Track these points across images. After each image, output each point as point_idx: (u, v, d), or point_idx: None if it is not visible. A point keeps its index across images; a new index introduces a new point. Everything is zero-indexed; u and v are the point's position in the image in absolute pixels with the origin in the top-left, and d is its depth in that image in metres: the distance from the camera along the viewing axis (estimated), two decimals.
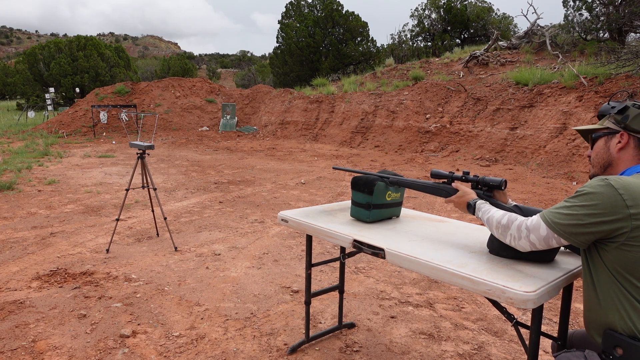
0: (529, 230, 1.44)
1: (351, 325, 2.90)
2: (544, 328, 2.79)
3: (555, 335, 1.83)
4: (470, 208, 1.74)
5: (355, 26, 25.37)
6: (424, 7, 25.60)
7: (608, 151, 1.49)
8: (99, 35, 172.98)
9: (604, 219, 1.26)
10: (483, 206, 1.69)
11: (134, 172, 4.41)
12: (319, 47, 25.22)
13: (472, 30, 24.92)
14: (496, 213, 1.60)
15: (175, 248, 4.37)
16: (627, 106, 1.45)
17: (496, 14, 25.23)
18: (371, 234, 2.00)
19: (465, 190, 1.81)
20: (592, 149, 1.56)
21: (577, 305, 3.25)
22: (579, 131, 1.63)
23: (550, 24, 15.04)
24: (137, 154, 4.32)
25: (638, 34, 12.83)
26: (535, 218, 1.45)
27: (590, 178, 1.54)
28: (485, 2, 25.45)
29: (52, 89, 26.12)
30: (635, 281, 1.26)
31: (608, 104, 1.53)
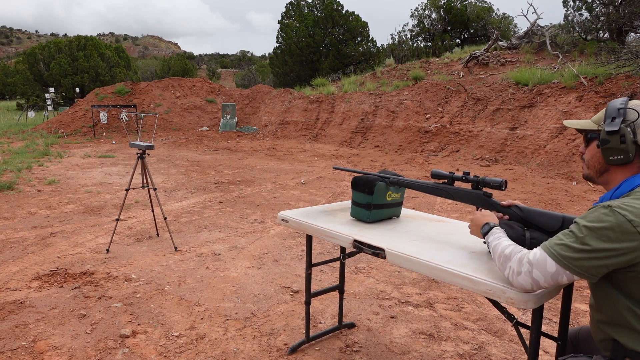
0: (532, 265, 1.29)
1: (351, 325, 2.90)
2: (544, 328, 2.79)
3: (556, 335, 1.83)
4: (485, 228, 1.59)
5: (355, 26, 25.38)
6: (424, 7, 25.62)
7: (603, 158, 1.39)
8: (99, 35, 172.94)
9: (618, 250, 1.19)
10: (498, 232, 1.54)
11: (134, 172, 4.41)
12: (319, 47, 25.22)
13: (472, 30, 24.92)
14: (505, 242, 1.47)
15: (175, 248, 4.37)
16: None
17: (496, 14, 25.24)
18: (371, 234, 2.00)
19: (489, 213, 1.69)
20: (586, 146, 1.46)
21: (577, 305, 3.25)
22: (571, 126, 1.51)
23: (550, 24, 15.05)
24: (137, 154, 4.32)
25: (638, 34, 12.83)
26: (539, 252, 1.31)
27: (585, 178, 1.49)
28: (485, 2, 25.46)
29: (52, 89, 26.12)
30: None
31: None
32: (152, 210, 4.78)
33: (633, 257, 1.19)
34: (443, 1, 24.54)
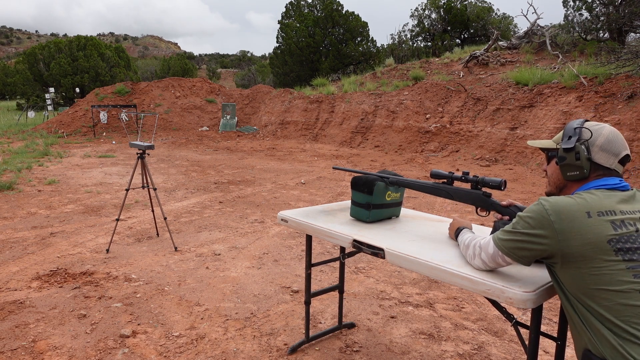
0: (481, 249, 1.52)
1: (351, 325, 2.90)
2: (543, 328, 2.80)
3: (555, 335, 1.83)
4: (457, 232, 1.83)
5: (355, 26, 25.37)
6: (424, 7, 25.61)
7: (562, 174, 1.48)
8: (99, 35, 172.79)
9: (534, 235, 1.33)
10: (464, 232, 1.76)
11: (134, 172, 4.41)
12: (319, 47, 25.22)
13: (472, 30, 24.91)
14: (466, 235, 1.69)
15: (175, 248, 4.37)
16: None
17: (496, 14, 25.23)
18: (371, 234, 2.00)
19: (462, 221, 1.90)
20: (547, 164, 1.56)
21: None
22: (534, 146, 1.63)
23: (550, 24, 15.04)
24: (137, 154, 4.33)
25: (638, 34, 12.83)
26: (488, 237, 1.52)
27: (546, 195, 1.56)
28: (485, 2, 25.45)
29: (52, 89, 26.11)
30: (590, 302, 1.26)
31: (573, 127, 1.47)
32: (152, 210, 4.78)
33: (548, 246, 1.31)
34: (443, 1, 24.54)
